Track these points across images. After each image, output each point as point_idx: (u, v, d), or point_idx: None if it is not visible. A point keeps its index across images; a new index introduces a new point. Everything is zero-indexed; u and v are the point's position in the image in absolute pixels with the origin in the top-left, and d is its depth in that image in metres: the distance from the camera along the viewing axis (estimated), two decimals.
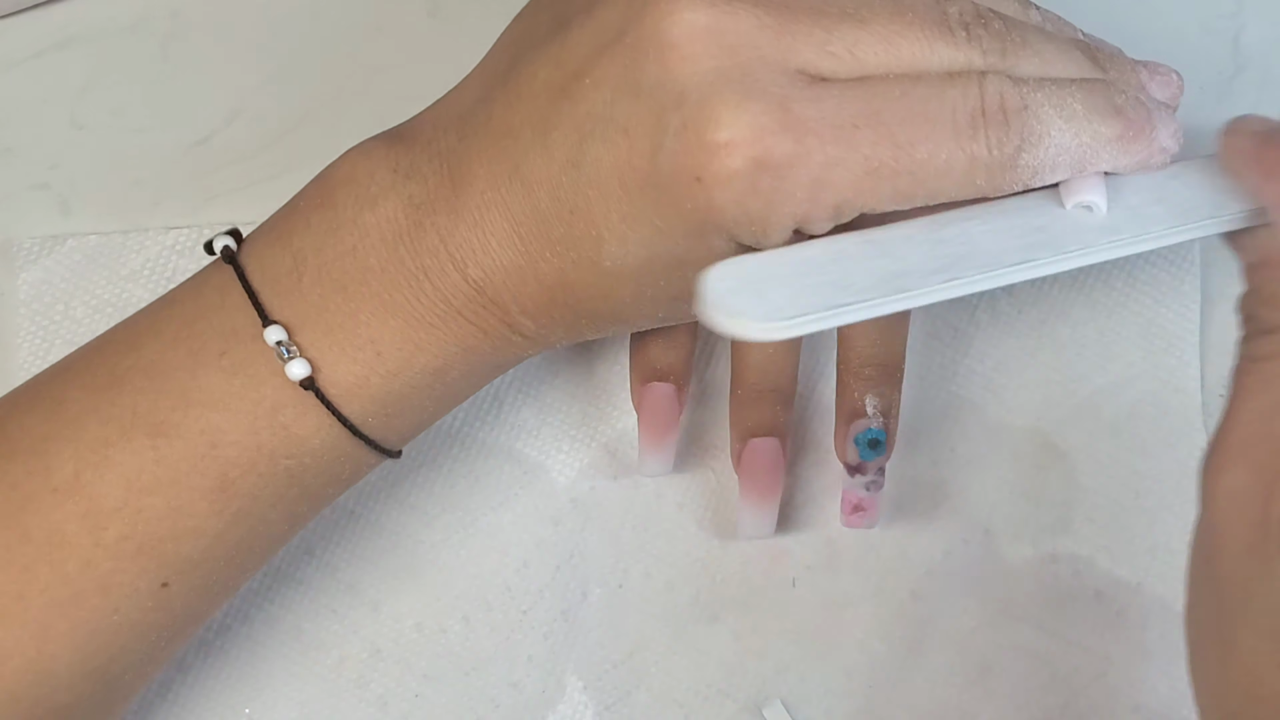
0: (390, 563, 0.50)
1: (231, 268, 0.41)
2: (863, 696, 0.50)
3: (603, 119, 0.37)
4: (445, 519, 0.51)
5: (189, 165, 0.53)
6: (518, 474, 0.51)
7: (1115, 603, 0.51)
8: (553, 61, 0.39)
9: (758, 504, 0.48)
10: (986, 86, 0.37)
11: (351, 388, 0.41)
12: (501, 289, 0.40)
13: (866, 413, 0.47)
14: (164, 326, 0.42)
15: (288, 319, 0.40)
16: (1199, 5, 0.54)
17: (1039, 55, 0.38)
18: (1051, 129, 0.37)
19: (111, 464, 0.40)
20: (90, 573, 0.40)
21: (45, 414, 0.41)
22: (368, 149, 0.42)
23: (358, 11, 0.55)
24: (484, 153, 0.39)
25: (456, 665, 0.50)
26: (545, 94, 0.39)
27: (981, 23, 0.37)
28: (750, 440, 0.48)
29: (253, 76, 0.54)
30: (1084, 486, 0.51)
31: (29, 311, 0.51)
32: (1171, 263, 0.52)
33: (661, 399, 0.48)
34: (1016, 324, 0.52)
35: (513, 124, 0.39)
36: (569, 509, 0.51)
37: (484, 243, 0.40)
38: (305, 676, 0.50)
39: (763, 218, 0.36)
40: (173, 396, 0.40)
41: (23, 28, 0.54)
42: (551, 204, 0.39)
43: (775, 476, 0.48)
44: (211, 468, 0.40)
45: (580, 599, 0.50)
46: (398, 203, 0.40)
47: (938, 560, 0.51)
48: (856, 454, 0.47)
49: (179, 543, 0.41)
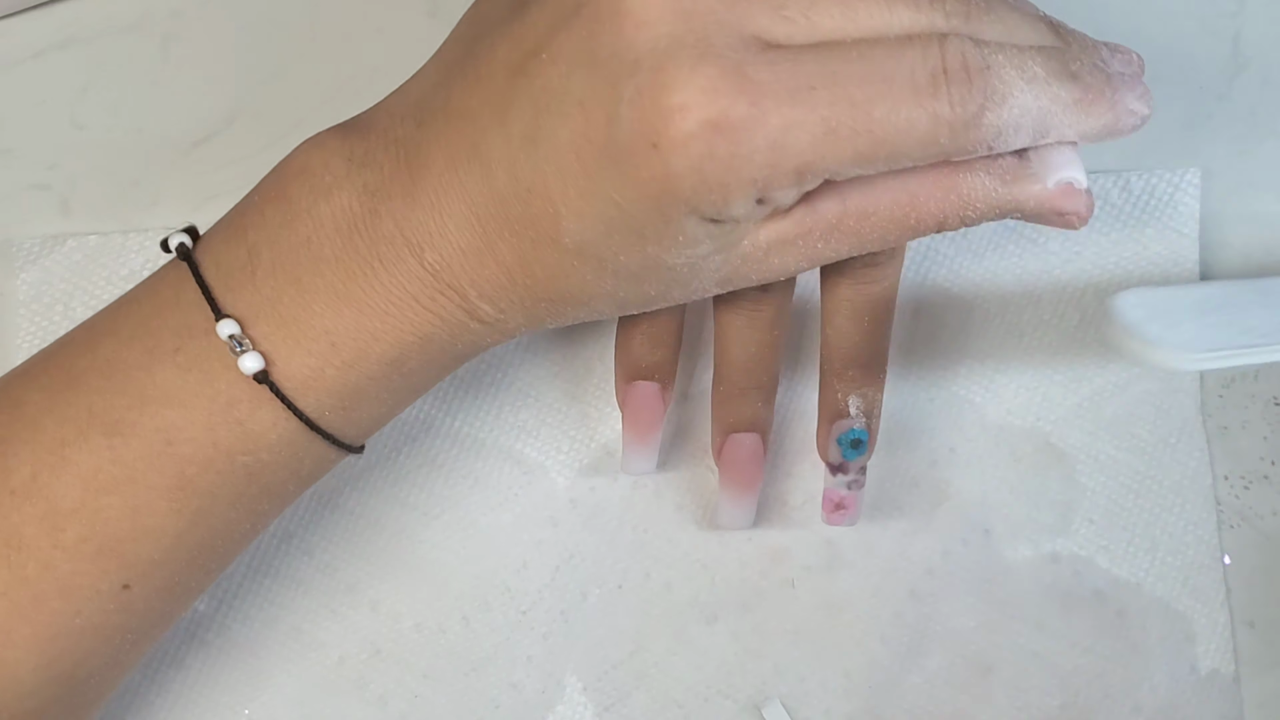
0: (390, 563, 0.50)
1: (186, 265, 0.41)
2: (862, 696, 0.50)
3: (559, 93, 0.37)
4: (445, 519, 0.51)
5: (189, 165, 0.53)
6: (517, 475, 0.51)
7: (1115, 603, 0.51)
8: (510, 39, 0.38)
9: (736, 496, 0.48)
10: (948, 46, 0.36)
11: (306, 380, 0.40)
12: (459, 273, 0.40)
13: (849, 413, 0.47)
14: (121, 325, 0.41)
15: (241, 313, 0.40)
16: (1199, 5, 0.54)
17: (1001, 21, 0.38)
18: (1014, 89, 0.37)
19: (69, 464, 0.40)
20: (50, 575, 0.40)
21: (4, 416, 0.41)
22: (321, 140, 0.41)
23: (358, 11, 0.55)
24: (441, 136, 0.39)
25: (456, 665, 0.50)
26: (503, 73, 0.38)
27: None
28: (731, 434, 0.48)
29: (253, 76, 0.54)
30: (1084, 486, 0.51)
31: (29, 311, 0.51)
32: (1170, 263, 0.52)
33: (645, 397, 0.48)
34: (1017, 324, 0.52)
35: (471, 106, 0.39)
36: (568, 510, 0.51)
37: (441, 226, 0.39)
38: (304, 677, 0.50)
39: (722, 184, 0.36)
40: (129, 395, 0.40)
41: (23, 28, 0.54)
42: (509, 183, 0.38)
43: (755, 470, 0.48)
44: (169, 466, 0.40)
45: (580, 599, 0.50)
46: (352, 192, 0.40)
47: (937, 560, 0.51)
48: (839, 453, 0.47)
49: (139, 543, 0.40)
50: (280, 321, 0.40)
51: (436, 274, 0.40)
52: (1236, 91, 0.54)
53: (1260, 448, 0.51)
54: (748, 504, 0.49)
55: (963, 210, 0.38)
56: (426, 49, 0.54)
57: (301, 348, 0.40)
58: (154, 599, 0.41)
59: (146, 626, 0.42)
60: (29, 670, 0.40)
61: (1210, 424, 0.51)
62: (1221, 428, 0.51)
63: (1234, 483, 0.51)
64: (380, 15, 0.55)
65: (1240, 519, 0.51)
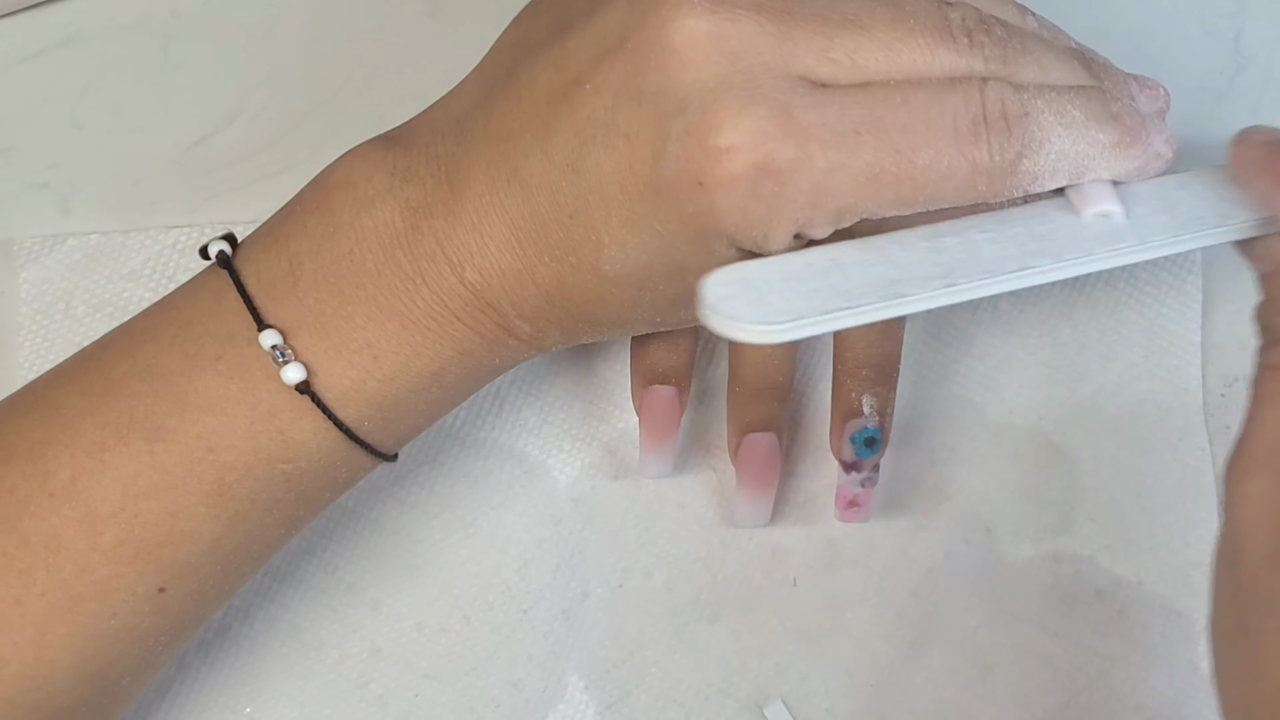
0: (390, 562, 0.50)
1: (227, 272, 0.41)
2: (864, 696, 0.50)
3: (604, 124, 0.37)
4: (446, 518, 0.51)
5: (189, 165, 0.53)
6: (518, 473, 0.51)
7: (1116, 602, 0.51)
8: (553, 65, 0.39)
9: (754, 496, 0.49)
10: (988, 92, 0.37)
11: (348, 391, 0.41)
12: (499, 293, 0.40)
13: (863, 412, 0.47)
14: (160, 331, 0.41)
15: (283, 323, 0.40)
16: (1199, 5, 0.54)
17: (1038, 62, 0.38)
18: (1051, 135, 0.37)
19: (108, 468, 0.40)
20: (87, 577, 0.40)
21: (42, 418, 0.41)
22: (364, 152, 0.42)
23: (358, 11, 0.55)
24: (482, 156, 0.39)
25: (457, 664, 0.50)
26: (545, 98, 0.38)
27: (983, 29, 0.37)
28: (747, 434, 0.48)
29: (253, 76, 0.54)
30: (1085, 486, 0.51)
31: (30, 311, 0.51)
32: (1174, 263, 0.52)
33: (662, 402, 0.48)
34: (1018, 323, 0.52)
35: (512, 128, 0.39)
36: (570, 508, 0.51)
37: (482, 246, 0.39)
38: (305, 676, 0.50)
39: (764, 222, 0.37)
40: (169, 401, 0.40)
41: (23, 28, 0.54)
42: (551, 208, 0.38)
43: (771, 469, 0.48)
44: (208, 472, 0.40)
45: (581, 598, 0.50)
46: (395, 206, 0.40)
47: (939, 560, 0.51)
48: (853, 452, 0.48)
49: (176, 547, 0.40)
50: (322, 333, 0.40)
51: (477, 292, 0.40)
52: (1236, 91, 0.54)
53: None
54: (764, 503, 0.49)
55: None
56: (426, 49, 0.54)
57: (344, 359, 0.40)
58: (188, 601, 0.42)
59: (179, 628, 0.42)
60: (63, 670, 0.40)
61: (1212, 423, 0.51)
62: (1224, 426, 0.51)
63: None
64: (380, 15, 0.55)
65: None
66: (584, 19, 0.38)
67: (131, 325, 0.43)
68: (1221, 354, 0.52)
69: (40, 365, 0.51)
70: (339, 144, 0.53)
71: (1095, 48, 0.53)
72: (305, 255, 0.40)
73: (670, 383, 0.48)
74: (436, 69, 0.54)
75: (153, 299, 0.51)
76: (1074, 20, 0.54)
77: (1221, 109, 0.54)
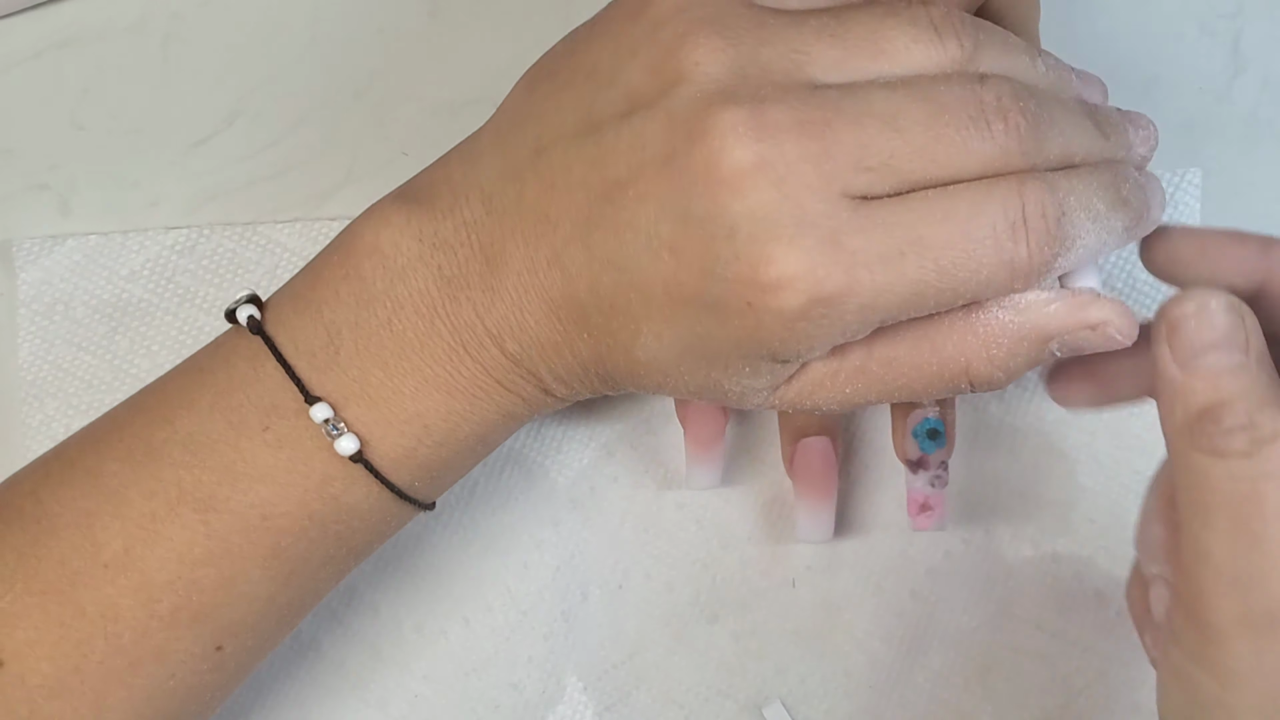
0: (390, 565, 0.50)
1: (260, 339, 0.41)
2: (863, 696, 0.50)
3: (648, 233, 0.37)
4: (445, 520, 0.51)
5: (188, 165, 0.53)
6: (517, 476, 0.51)
7: (1115, 602, 0.51)
8: (589, 161, 0.39)
9: (814, 504, 0.48)
10: (1027, 195, 0.37)
11: (400, 459, 0.41)
12: (538, 362, 0.41)
13: (922, 403, 0.46)
14: (197, 397, 0.41)
15: (330, 394, 0.40)
16: (1199, 5, 0.54)
17: (1062, 134, 0.38)
18: (1081, 231, 0.37)
19: (161, 538, 0.40)
20: (146, 643, 0.40)
21: (84, 487, 0.41)
22: (387, 215, 0.41)
23: (358, 12, 0.55)
24: (518, 233, 0.40)
25: (456, 667, 0.50)
26: (583, 191, 0.39)
27: (1017, 105, 0.37)
28: (801, 440, 0.48)
29: (253, 76, 0.54)
30: (1084, 486, 0.51)
31: (29, 311, 0.51)
32: None
33: (707, 410, 0.48)
34: None
35: (549, 212, 0.39)
36: (568, 510, 0.51)
37: (521, 321, 0.40)
38: (305, 679, 0.50)
39: (809, 338, 0.37)
40: (217, 471, 0.40)
41: (23, 28, 0.54)
42: (590, 297, 0.39)
43: (829, 475, 0.48)
44: (264, 538, 0.41)
45: (580, 600, 0.50)
46: (428, 275, 0.40)
47: (938, 560, 0.51)
48: (916, 447, 0.47)
49: (233, 608, 0.41)
50: (371, 404, 0.40)
51: (517, 361, 0.41)
52: (1236, 92, 0.54)
53: None
54: (826, 512, 0.49)
55: (988, 350, 0.39)
56: (426, 49, 0.54)
57: (395, 429, 0.41)
58: (244, 655, 0.42)
59: (234, 679, 0.43)
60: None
61: None
62: None
63: None
64: (380, 15, 0.55)
65: None
66: (619, 121, 0.38)
67: (163, 388, 0.42)
68: None
69: (40, 365, 0.51)
70: (339, 144, 0.53)
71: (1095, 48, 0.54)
72: (343, 325, 0.41)
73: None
74: (436, 69, 0.54)
75: (153, 299, 0.51)
76: (1074, 20, 0.54)
77: (1221, 109, 0.54)
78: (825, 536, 0.49)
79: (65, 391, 0.51)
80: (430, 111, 0.54)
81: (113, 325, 0.51)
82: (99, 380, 0.51)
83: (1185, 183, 0.52)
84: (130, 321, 0.51)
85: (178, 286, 0.52)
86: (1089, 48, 0.54)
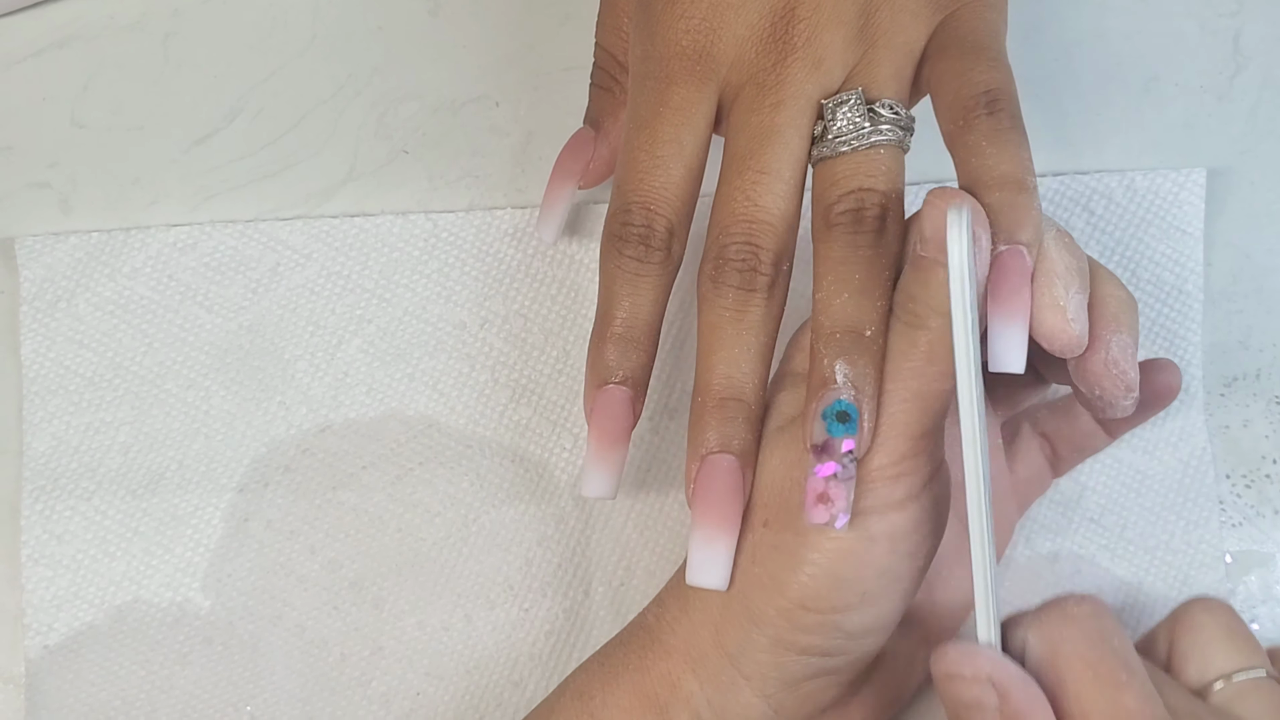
0: (393, 560, 0.50)
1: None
2: None
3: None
4: (448, 516, 0.51)
5: (189, 164, 0.53)
6: (520, 472, 0.51)
7: (1115, 601, 0.51)
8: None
9: (708, 537, 0.41)
10: None
11: None
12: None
13: (835, 380, 0.40)
14: None
15: None
16: (1199, 5, 0.54)
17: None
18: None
19: None
20: None
21: None
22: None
23: (358, 10, 0.55)
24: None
25: (459, 663, 0.50)
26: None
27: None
28: (707, 456, 0.42)
29: (254, 74, 0.54)
30: (1084, 485, 0.51)
31: (31, 309, 0.51)
32: (1174, 263, 0.52)
33: (614, 404, 0.43)
34: None
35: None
36: (572, 507, 0.51)
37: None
38: (307, 674, 0.50)
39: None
40: None
41: (23, 27, 0.54)
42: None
43: (733, 502, 0.41)
44: None
45: (583, 596, 0.50)
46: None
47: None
48: (823, 430, 0.40)
49: None
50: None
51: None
52: (1236, 91, 0.54)
53: (1262, 446, 0.51)
54: (722, 549, 0.41)
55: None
56: (426, 48, 0.54)
57: None
58: None
59: None
60: None
61: (1212, 423, 0.51)
62: (1223, 426, 0.51)
63: (1235, 481, 0.51)
64: (380, 14, 0.55)
65: (1242, 518, 0.51)
66: None
67: None
68: (1221, 354, 0.52)
69: (42, 362, 0.51)
70: (339, 144, 0.53)
71: (1095, 48, 0.54)
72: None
73: (625, 385, 0.43)
74: (436, 69, 0.54)
75: (154, 297, 0.51)
76: (1074, 21, 0.54)
77: (1221, 109, 0.54)
78: (719, 584, 0.41)
79: (67, 388, 0.51)
80: (430, 110, 0.54)
81: (114, 322, 0.51)
82: (100, 377, 0.51)
83: (1190, 182, 0.52)
84: (132, 319, 0.51)
85: (179, 284, 0.52)
86: (1089, 48, 0.54)
